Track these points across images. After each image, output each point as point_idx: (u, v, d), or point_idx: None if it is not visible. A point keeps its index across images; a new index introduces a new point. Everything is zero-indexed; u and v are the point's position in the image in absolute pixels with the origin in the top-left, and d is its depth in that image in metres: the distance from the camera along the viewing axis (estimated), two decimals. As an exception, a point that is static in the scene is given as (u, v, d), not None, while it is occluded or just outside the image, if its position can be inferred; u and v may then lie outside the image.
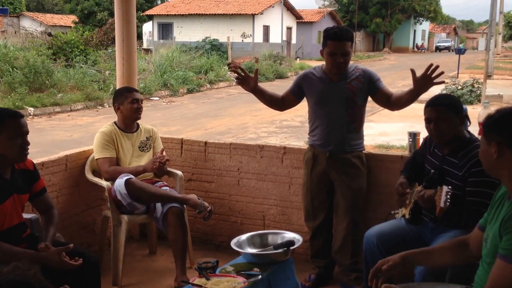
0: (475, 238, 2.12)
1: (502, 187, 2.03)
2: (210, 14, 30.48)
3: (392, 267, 2.08)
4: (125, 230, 3.44)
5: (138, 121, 3.74)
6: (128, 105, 3.60)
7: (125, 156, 3.59)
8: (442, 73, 2.94)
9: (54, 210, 2.72)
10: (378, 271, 2.10)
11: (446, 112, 2.66)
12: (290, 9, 33.91)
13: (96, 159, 3.57)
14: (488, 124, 1.92)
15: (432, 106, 2.70)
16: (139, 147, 3.68)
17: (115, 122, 3.68)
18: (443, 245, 2.25)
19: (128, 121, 3.66)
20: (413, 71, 3.00)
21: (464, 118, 2.73)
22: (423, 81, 2.93)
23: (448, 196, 2.39)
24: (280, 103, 3.44)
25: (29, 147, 2.48)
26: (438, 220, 2.60)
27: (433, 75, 2.90)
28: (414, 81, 2.98)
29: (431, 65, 2.89)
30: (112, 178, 3.48)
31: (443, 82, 3.05)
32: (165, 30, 31.93)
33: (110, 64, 16.61)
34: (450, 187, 2.43)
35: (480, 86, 14.52)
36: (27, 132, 2.46)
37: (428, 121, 2.72)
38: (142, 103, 3.70)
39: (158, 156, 3.55)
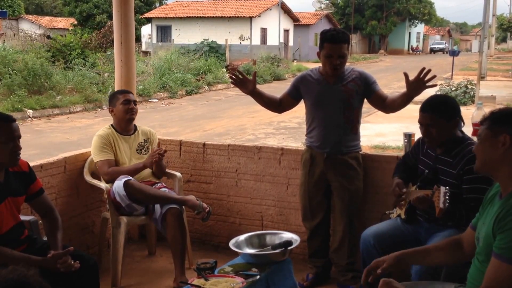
0: (468, 237, 2.14)
1: (493, 188, 2.05)
2: (208, 16, 30.50)
3: (386, 269, 2.10)
4: (124, 231, 3.45)
5: (136, 123, 3.73)
6: (120, 106, 3.58)
7: (123, 158, 3.59)
8: (434, 76, 2.97)
9: (55, 212, 2.69)
10: (372, 271, 2.12)
11: (436, 120, 2.66)
12: (287, 12, 33.92)
13: (95, 162, 3.57)
14: (497, 116, 1.93)
15: (424, 112, 2.71)
16: (137, 150, 3.67)
17: (112, 125, 3.66)
18: (438, 244, 2.26)
19: (123, 123, 3.63)
20: (406, 75, 3.03)
21: (458, 122, 2.73)
22: (416, 85, 2.96)
23: (447, 197, 2.41)
24: (278, 105, 3.47)
25: (20, 151, 2.44)
26: (439, 221, 2.61)
27: (426, 78, 2.93)
28: (407, 84, 3.01)
29: (424, 68, 2.92)
30: (112, 180, 3.47)
31: (435, 85, 3.08)
32: (164, 32, 31.94)
33: (109, 67, 16.63)
34: (447, 187, 2.45)
35: (473, 87, 14.57)
36: (19, 137, 2.43)
37: (420, 124, 2.75)
38: (136, 104, 3.64)
39: (156, 150, 3.54)
